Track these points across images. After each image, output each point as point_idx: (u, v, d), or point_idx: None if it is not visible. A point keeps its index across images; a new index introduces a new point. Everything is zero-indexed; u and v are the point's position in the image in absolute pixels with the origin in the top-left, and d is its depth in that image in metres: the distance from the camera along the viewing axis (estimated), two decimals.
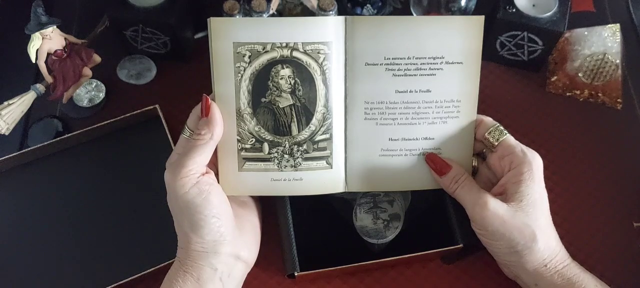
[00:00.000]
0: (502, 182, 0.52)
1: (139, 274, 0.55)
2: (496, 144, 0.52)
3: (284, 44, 0.50)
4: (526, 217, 0.49)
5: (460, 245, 0.55)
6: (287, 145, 0.52)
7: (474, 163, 0.55)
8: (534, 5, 0.66)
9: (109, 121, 0.63)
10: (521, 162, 0.51)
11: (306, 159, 0.53)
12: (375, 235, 0.56)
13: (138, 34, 0.67)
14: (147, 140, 0.65)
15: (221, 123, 0.50)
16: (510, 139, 0.53)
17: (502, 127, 0.53)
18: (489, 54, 0.71)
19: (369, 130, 0.53)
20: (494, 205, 0.50)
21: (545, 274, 0.51)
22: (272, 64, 0.51)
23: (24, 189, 0.62)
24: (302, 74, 0.51)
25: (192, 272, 0.49)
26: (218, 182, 0.51)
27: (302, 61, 0.51)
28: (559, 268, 0.51)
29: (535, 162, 0.51)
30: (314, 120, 0.52)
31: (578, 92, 0.69)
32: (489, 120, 0.54)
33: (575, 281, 0.50)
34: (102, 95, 0.68)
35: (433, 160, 0.54)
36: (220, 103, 0.51)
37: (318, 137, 0.53)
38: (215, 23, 0.50)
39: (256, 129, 0.52)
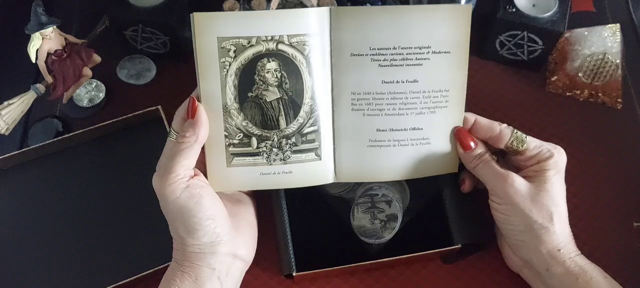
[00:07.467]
0: (527, 170, 0.53)
1: (139, 274, 0.55)
2: (522, 148, 0.53)
3: (269, 38, 0.50)
4: (548, 199, 0.51)
5: (459, 246, 0.55)
6: (276, 139, 0.52)
7: (493, 158, 0.55)
8: (534, 5, 0.66)
9: (109, 121, 0.63)
10: (548, 157, 0.52)
11: (295, 152, 0.52)
12: (373, 235, 0.56)
13: (138, 34, 0.67)
14: (148, 140, 0.65)
15: (206, 124, 0.50)
16: (533, 141, 0.53)
17: (520, 133, 0.53)
18: (489, 53, 0.70)
19: (356, 121, 0.53)
20: (519, 181, 0.51)
21: (559, 258, 0.51)
22: (257, 57, 0.50)
23: (24, 188, 0.62)
24: (289, 66, 0.51)
25: (190, 272, 0.49)
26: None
27: (288, 54, 0.51)
28: (572, 256, 0.51)
29: (561, 158, 0.53)
30: (301, 113, 0.52)
31: (578, 92, 0.69)
32: (504, 127, 0.53)
33: (587, 270, 0.51)
34: (102, 95, 0.68)
35: (461, 135, 0.54)
36: (206, 99, 0.51)
37: (306, 130, 0.52)
38: (198, 18, 0.49)
39: (244, 123, 0.52)
